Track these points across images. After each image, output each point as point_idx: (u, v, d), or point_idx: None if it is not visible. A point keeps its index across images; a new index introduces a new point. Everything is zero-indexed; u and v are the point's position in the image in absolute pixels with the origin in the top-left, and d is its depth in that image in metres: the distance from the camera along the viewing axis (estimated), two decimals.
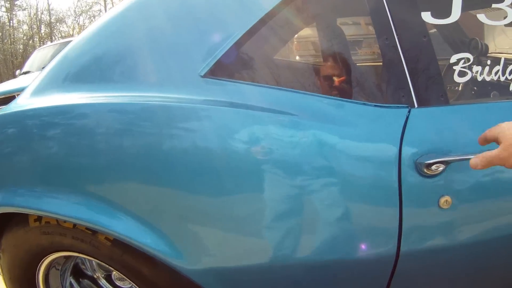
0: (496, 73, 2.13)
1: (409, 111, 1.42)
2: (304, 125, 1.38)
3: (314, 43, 2.18)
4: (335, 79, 1.69)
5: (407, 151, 1.38)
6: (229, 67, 1.47)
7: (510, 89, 1.83)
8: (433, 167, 1.35)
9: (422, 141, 1.39)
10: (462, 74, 1.58)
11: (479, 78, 1.63)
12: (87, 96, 1.52)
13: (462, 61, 1.53)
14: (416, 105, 1.44)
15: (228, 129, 1.38)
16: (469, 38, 3.46)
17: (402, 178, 1.38)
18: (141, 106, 1.42)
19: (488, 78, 1.70)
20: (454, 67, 1.54)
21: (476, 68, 1.59)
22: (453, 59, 1.56)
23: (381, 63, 1.59)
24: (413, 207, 1.43)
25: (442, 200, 1.39)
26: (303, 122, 1.39)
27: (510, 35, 3.46)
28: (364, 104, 1.44)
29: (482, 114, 1.54)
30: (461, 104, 1.75)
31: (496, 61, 3.01)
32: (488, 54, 3.35)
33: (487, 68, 1.91)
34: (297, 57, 2.38)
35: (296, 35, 2.18)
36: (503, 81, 3.01)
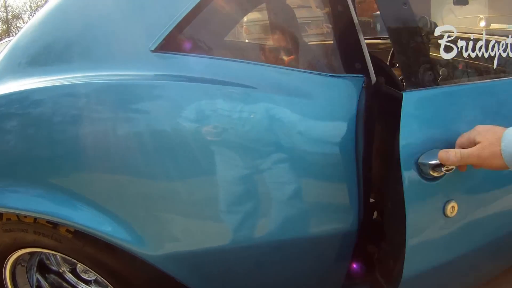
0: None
1: (364, 81, 1.46)
2: (263, 97, 1.39)
3: (264, 26, 2.20)
4: (287, 58, 1.74)
5: (362, 118, 1.44)
6: (181, 40, 1.45)
7: None
8: None
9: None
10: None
11: None
12: (41, 80, 1.47)
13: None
14: (372, 77, 1.49)
15: (184, 106, 1.35)
16: (418, 16, 3.62)
17: (358, 145, 1.44)
18: (90, 86, 1.39)
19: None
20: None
21: None
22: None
23: (331, 42, 1.65)
24: None
25: None
26: (261, 94, 1.39)
27: (458, 14, 3.61)
28: (320, 74, 1.46)
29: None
30: None
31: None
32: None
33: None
34: (246, 40, 2.42)
35: (245, 19, 2.20)
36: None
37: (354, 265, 1.71)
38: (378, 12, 1.43)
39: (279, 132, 1.38)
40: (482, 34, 1.80)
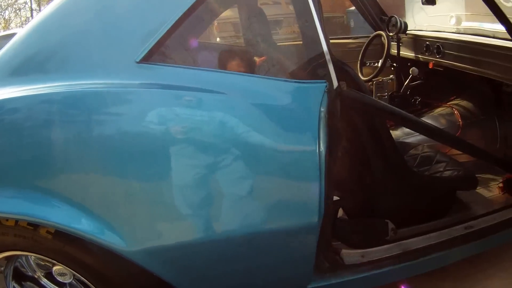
0: None
1: (327, 86, 1.60)
2: (232, 102, 1.54)
3: (235, 24, 2.31)
4: (258, 59, 1.87)
5: (325, 120, 1.58)
6: (163, 52, 1.60)
7: None
8: None
9: None
10: None
11: None
12: (24, 89, 1.55)
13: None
14: (334, 82, 1.65)
15: (160, 111, 1.50)
16: (388, 16, 3.76)
17: (320, 147, 1.57)
18: (73, 93, 1.50)
19: None
20: None
21: None
22: None
23: (300, 42, 1.79)
24: None
25: None
26: (231, 99, 1.54)
27: (429, 13, 3.75)
28: (286, 81, 1.63)
29: None
30: None
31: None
32: (408, 32, 3.65)
33: None
34: (218, 39, 2.51)
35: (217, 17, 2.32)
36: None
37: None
38: (352, 8, 1.58)
39: (246, 133, 1.54)
40: None
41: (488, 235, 2.27)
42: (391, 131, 3.10)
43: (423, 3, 3.34)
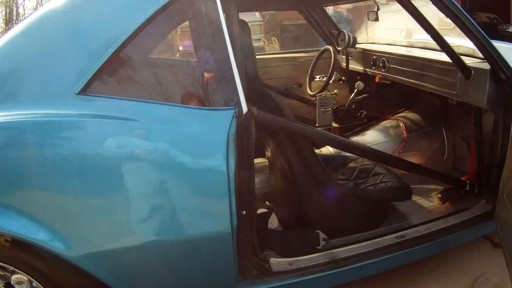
0: None
1: (235, 112, 1.81)
2: (147, 128, 1.78)
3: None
4: (177, 89, 2.03)
5: (233, 142, 1.80)
6: (99, 84, 1.80)
7: None
8: None
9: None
10: None
11: None
12: None
13: None
14: (243, 108, 1.84)
15: (91, 137, 1.74)
16: (338, 31, 3.93)
17: (229, 167, 1.79)
18: (13, 123, 1.72)
19: None
20: None
21: None
22: None
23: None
24: None
25: None
26: (146, 125, 1.78)
27: (382, 26, 3.93)
28: (198, 108, 1.86)
29: None
30: None
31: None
32: (357, 46, 3.82)
33: None
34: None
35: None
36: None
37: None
38: None
39: (160, 154, 1.79)
40: None
41: (421, 244, 2.41)
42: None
43: (368, 19, 3.51)
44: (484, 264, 2.80)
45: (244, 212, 1.91)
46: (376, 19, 3.47)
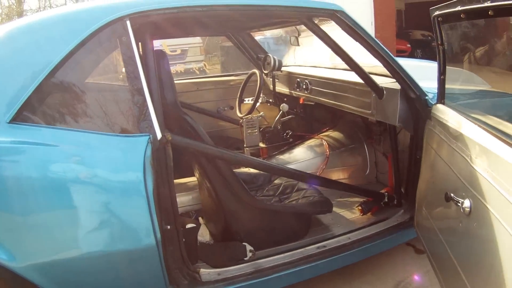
0: None
1: (150, 138, 2.01)
2: (73, 154, 1.96)
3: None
4: (100, 117, 2.16)
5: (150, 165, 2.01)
6: (28, 114, 1.95)
7: None
8: None
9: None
10: None
11: None
12: None
13: None
14: (157, 134, 2.04)
15: (20, 161, 1.91)
16: (264, 55, 4.16)
17: (147, 187, 1.99)
18: None
19: None
20: None
21: None
22: None
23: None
24: None
25: None
26: (72, 152, 1.96)
27: (307, 49, 4.17)
28: (115, 135, 2.04)
29: None
30: None
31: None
32: (283, 68, 4.05)
33: None
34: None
35: None
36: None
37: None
38: None
39: (90, 176, 1.98)
40: None
41: (342, 253, 2.62)
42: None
43: (291, 43, 3.75)
44: (407, 268, 3.06)
45: (169, 227, 2.09)
46: (297, 43, 3.71)
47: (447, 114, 2.25)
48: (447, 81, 2.33)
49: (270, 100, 4.20)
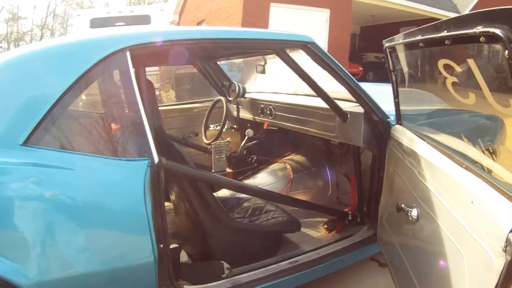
0: None
1: (149, 162, 2.19)
2: (79, 176, 2.11)
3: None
4: (103, 141, 2.32)
5: (149, 188, 2.18)
6: (40, 137, 2.08)
7: None
8: None
9: None
10: None
11: None
12: None
13: None
14: (155, 159, 2.21)
15: (31, 182, 2.01)
16: (229, 82, 4.34)
17: (147, 208, 2.17)
18: None
19: None
20: None
21: None
22: None
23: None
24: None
25: None
26: (79, 174, 2.10)
27: (268, 76, 4.38)
28: (118, 159, 2.21)
29: None
30: None
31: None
32: (246, 96, 4.25)
33: None
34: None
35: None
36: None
37: None
38: None
39: (91, 197, 2.12)
40: None
41: (312, 267, 2.83)
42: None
43: (257, 72, 3.96)
44: (372, 281, 3.29)
45: (162, 246, 2.23)
46: (263, 72, 3.92)
47: (403, 134, 2.52)
48: (406, 103, 2.59)
49: (235, 126, 4.41)
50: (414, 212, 2.10)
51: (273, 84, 4.43)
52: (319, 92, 2.87)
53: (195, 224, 2.77)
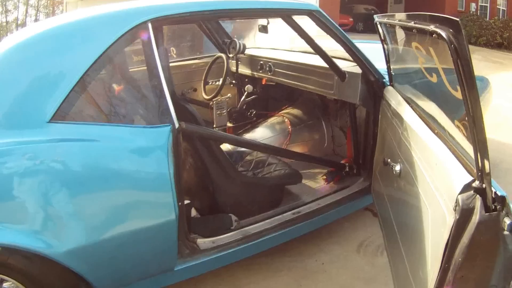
0: None
1: (171, 127, 2.32)
2: (105, 146, 2.22)
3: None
4: (127, 111, 2.51)
5: (171, 151, 2.32)
6: (66, 112, 2.18)
7: None
8: None
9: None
10: None
11: None
12: None
13: None
14: (175, 124, 2.35)
15: (61, 156, 2.12)
16: (230, 40, 4.37)
17: (170, 170, 2.31)
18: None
19: None
20: None
21: None
22: None
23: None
24: None
25: None
26: (104, 144, 2.21)
27: (269, 33, 4.45)
28: (143, 127, 2.36)
29: None
30: None
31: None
32: (246, 52, 4.29)
33: None
34: None
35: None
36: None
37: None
38: None
39: (119, 164, 2.27)
40: None
41: (314, 217, 3.07)
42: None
43: (259, 31, 4.06)
44: (368, 230, 3.55)
45: (180, 203, 2.40)
46: (266, 31, 4.03)
47: (392, 96, 2.73)
48: (398, 63, 2.79)
49: (233, 81, 4.55)
50: (397, 167, 2.33)
51: (272, 40, 4.55)
52: (320, 53, 3.04)
53: (204, 180, 2.95)
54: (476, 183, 1.55)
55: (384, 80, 3.04)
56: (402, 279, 2.28)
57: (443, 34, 1.57)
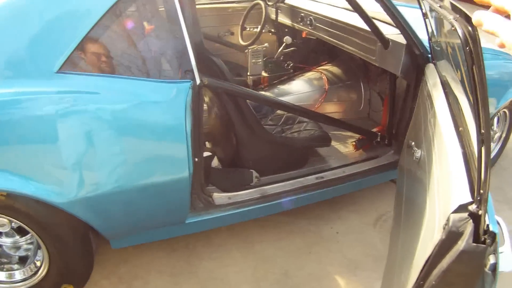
0: None
1: (191, 84, 2.27)
2: (115, 99, 2.18)
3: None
4: (146, 65, 2.42)
5: (190, 107, 2.28)
6: (75, 63, 2.13)
7: None
8: None
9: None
10: None
11: None
12: None
13: None
14: (197, 80, 2.29)
15: (66, 108, 2.11)
16: None
17: (187, 127, 2.28)
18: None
19: None
20: None
21: None
22: None
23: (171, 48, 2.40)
24: None
25: None
26: (113, 96, 2.18)
27: None
28: (161, 81, 2.29)
29: None
30: None
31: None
32: (286, 1, 4.20)
33: None
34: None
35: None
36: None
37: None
38: None
39: (134, 118, 2.23)
40: None
41: (337, 185, 3.03)
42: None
43: None
44: (389, 204, 3.48)
45: (197, 159, 2.39)
46: None
47: (431, 74, 2.60)
48: (440, 40, 2.66)
49: (272, 30, 4.45)
50: (417, 154, 2.23)
51: None
52: (364, 17, 2.90)
53: (228, 132, 2.92)
54: (472, 207, 1.45)
55: (429, 55, 2.90)
56: (389, 274, 2.29)
57: (459, 32, 1.42)
